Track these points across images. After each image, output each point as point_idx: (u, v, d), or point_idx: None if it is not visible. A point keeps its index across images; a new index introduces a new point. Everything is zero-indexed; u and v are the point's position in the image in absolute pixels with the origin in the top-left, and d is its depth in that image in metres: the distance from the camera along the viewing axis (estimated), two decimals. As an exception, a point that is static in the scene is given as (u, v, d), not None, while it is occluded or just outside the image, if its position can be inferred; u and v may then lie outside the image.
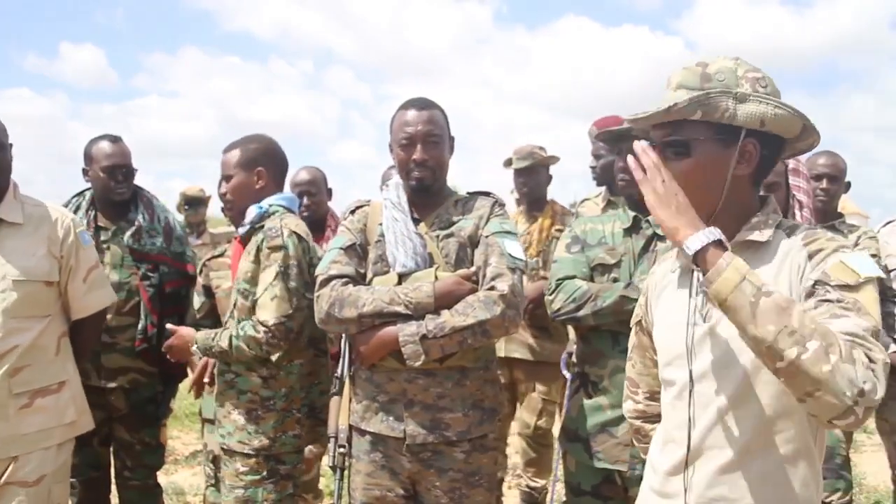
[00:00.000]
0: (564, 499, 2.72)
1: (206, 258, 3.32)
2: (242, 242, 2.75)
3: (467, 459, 2.33)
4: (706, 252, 1.35)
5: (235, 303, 2.68)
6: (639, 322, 1.77)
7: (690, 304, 1.53)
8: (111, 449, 3.37)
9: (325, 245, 3.01)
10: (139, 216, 3.34)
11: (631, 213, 2.58)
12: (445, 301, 2.25)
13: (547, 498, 3.96)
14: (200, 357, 2.87)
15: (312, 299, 2.42)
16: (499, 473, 3.99)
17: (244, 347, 2.56)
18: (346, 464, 2.42)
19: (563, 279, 2.53)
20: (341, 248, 2.41)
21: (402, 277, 2.31)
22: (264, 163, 2.76)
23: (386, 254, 2.35)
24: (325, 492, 4.04)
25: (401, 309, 2.25)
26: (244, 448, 2.63)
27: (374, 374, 2.33)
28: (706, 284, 1.34)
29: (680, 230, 1.39)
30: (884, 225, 3.66)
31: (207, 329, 3.16)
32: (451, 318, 2.22)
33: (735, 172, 1.48)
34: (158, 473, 3.50)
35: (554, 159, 4.19)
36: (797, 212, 2.64)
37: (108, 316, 3.07)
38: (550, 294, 2.54)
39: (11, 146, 2.68)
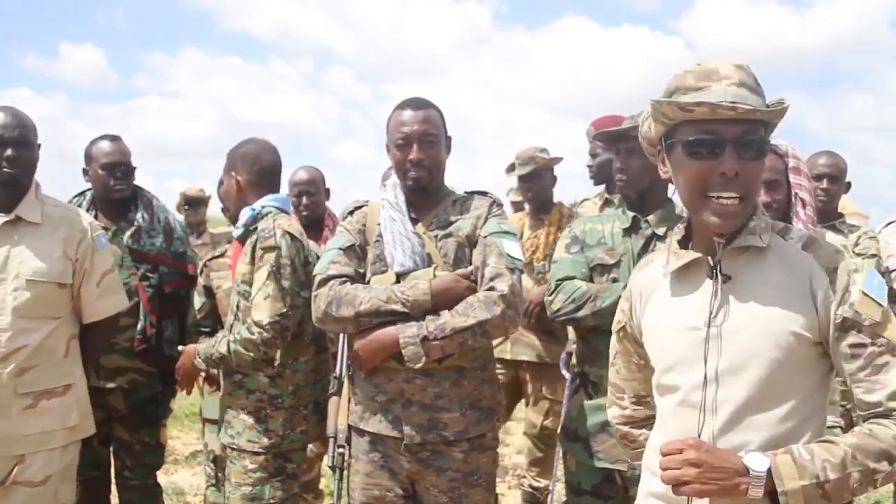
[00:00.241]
0: (565, 499, 2.72)
1: (207, 258, 3.32)
2: (241, 244, 2.78)
3: (466, 459, 2.33)
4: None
5: (238, 304, 2.71)
6: (623, 328, 1.72)
7: (696, 309, 1.50)
8: (111, 449, 3.37)
9: (324, 245, 3.02)
10: (139, 216, 3.34)
11: (630, 214, 2.58)
12: (442, 298, 2.24)
13: (548, 498, 3.96)
14: (206, 368, 2.88)
15: (308, 297, 2.43)
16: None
17: (242, 351, 2.59)
18: (346, 464, 2.43)
19: (563, 280, 2.53)
20: (340, 249, 2.41)
21: (401, 277, 2.31)
22: (238, 167, 2.83)
23: (384, 253, 2.35)
24: (326, 492, 4.04)
25: (398, 307, 2.24)
26: (254, 447, 2.66)
27: (373, 375, 2.33)
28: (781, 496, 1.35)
29: (738, 478, 1.36)
30: (885, 225, 3.66)
31: (208, 330, 3.18)
32: (452, 319, 2.21)
33: None
34: (158, 473, 3.50)
35: (556, 161, 4.15)
36: (800, 210, 2.64)
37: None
38: (550, 295, 2.54)
39: (39, 146, 2.70)
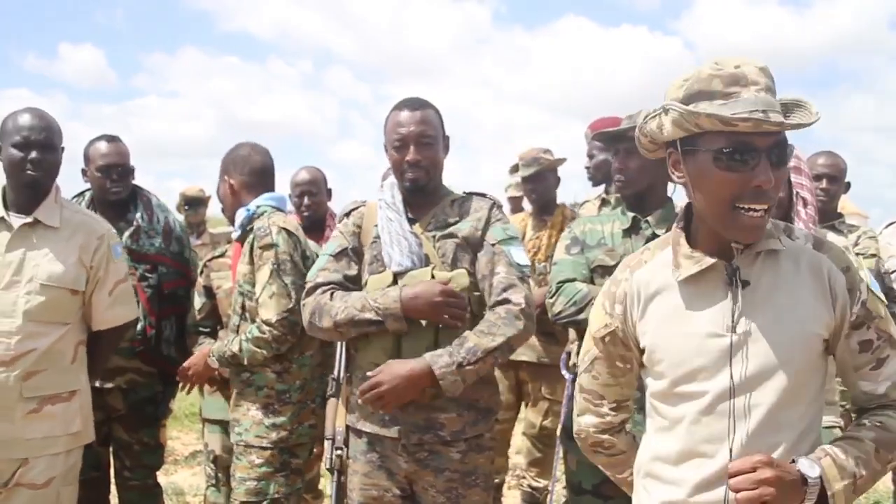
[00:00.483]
0: (564, 499, 2.72)
1: (207, 259, 3.32)
2: (241, 245, 2.82)
3: (463, 459, 2.32)
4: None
5: (243, 305, 2.76)
6: (611, 332, 1.63)
7: (714, 315, 1.48)
8: (110, 449, 3.37)
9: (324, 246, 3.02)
10: (138, 217, 3.33)
11: (630, 214, 2.58)
12: (412, 305, 2.22)
13: (548, 498, 3.96)
14: (219, 367, 2.91)
15: None
16: (499, 476, 4.00)
17: (255, 349, 2.66)
18: (343, 466, 2.43)
19: (564, 282, 2.53)
20: (330, 255, 2.42)
21: (398, 276, 2.30)
22: (230, 171, 2.91)
23: (382, 254, 2.35)
24: (325, 493, 4.04)
25: (371, 315, 2.24)
26: (262, 442, 2.71)
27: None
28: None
29: (802, 488, 1.37)
30: (886, 226, 3.66)
31: (208, 330, 3.19)
32: (480, 341, 2.22)
33: None
34: (158, 473, 3.50)
35: (560, 162, 4.15)
36: (801, 209, 2.64)
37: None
38: (551, 297, 2.54)
39: (63, 149, 2.70)
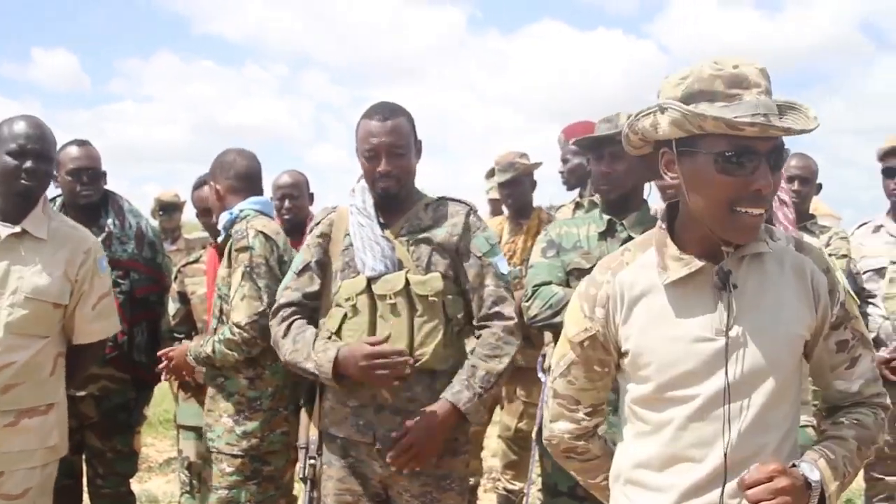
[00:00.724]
0: (539, 501, 2.72)
1: (182, 264, 3.30)
2: (219, 249, 2.81)
3: (438, 463, 2.31)
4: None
5: (221, 308, 2.74)
6: (591, 337, 1.57)
7: (703, 318, 1.46)
8: (83, 457, 3.32)
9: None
10: (109, 222, 3.29)
11: (606, 217, 2.58)
12: (344, 367, 2.23)
13: (523, 501, 3.96)
14: (195, 365, 2.90)
15: None
16: (474, 479, 4.00)
17: (226, 351, 2.64)
18: (317, 475, 2.42)
19: (540, 285, 2.53)
20: (295, 273, 2.44)
21: (372, 281, 2.29)
22: (217, 176, 2.92)
23: (354, 260, 2.33)
24: (299, 498, 4.01)
25: (311, 366, 2.28)
26: (232, 450, 2.69)
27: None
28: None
29: (808, 492, 1.39)
30: (858, 227, 3.71)
31: (182, 336, 3.17)
32: (490, 366, 2.29)
33: None
34: (132, 481, 3.46)
35: (536, 166, 4.15)
36: (778, 211, 2.67)
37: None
38: (527, 301, 2.54)
39: (57, 161, 2.69)
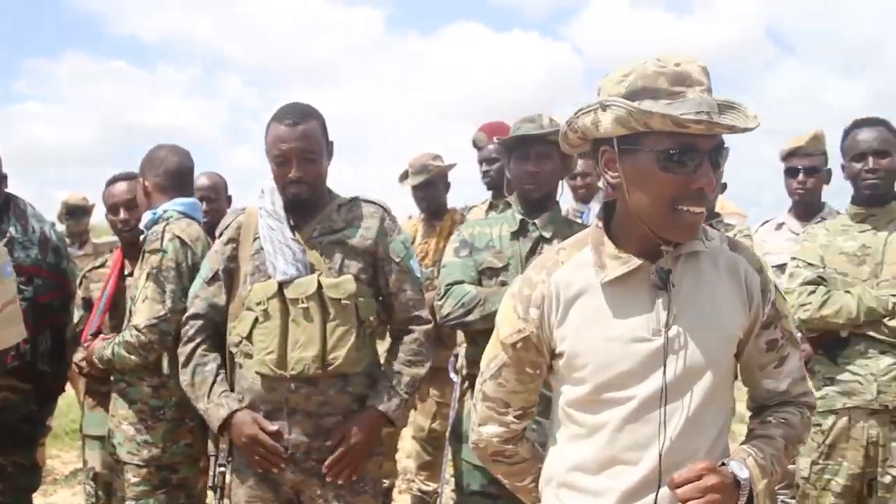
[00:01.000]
0: (453, 501, 2.75)
1: (87, 269, 3.21)
2: (140, 250, 2.74)
3: None
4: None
5: (130, 310, 2.67)
6: (525, 338, 1.52)
7: (641, 318, 1.44)
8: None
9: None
10: (11, 228, 3.17)
11: (518, 217, 2.62)
12: (230, 430, 2.29)
13: (437, 501, 4.00)
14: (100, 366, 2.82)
15: None
16: (388, 480, 4.01)
17: (124, 353, 2.57)
18: (227, 486, 2.39)
19: (452, 284, 2.55)
20: (204, 281, 2.43)
21: (284, 285, 2.27)
22: (146, 172, 2.84)
23: (265, 264, 2.31)
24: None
25: (201, 408, 2.34)
26: (133, 459, 2.63)
27: (256, 384, 2.30)
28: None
29: (736, 491, 1.38)
30: (761, 224, 3.87)
31: (87, 344, 3.07)
32: (414, 371, 2.38)
33: None
34: (36, 495, 3.34)
35: (450, 167, 4.16)
36: None
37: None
38: (440, 300, 2.56)
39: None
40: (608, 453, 1.45)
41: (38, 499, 3.43)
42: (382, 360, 2.45)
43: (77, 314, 3.16)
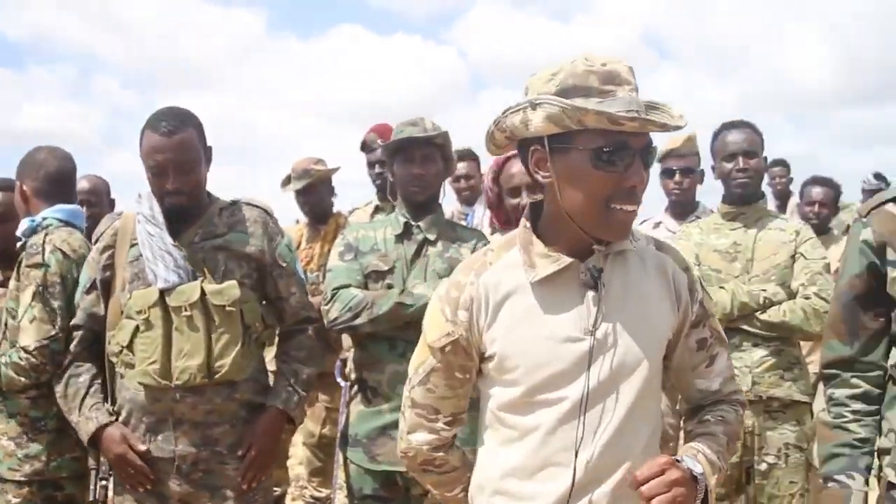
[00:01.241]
0: (346, 505, 2.74)
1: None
2: (15, 258, 2.57)
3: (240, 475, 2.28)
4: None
5: (6, 323, 2.52)
6: (454, 342, 1.48)
7: (571, 317, 1.42)
8: None
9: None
10: None
11: (402, 220, 2.63)
12: (100, 444, 2.27)
13: (330, 507, 3.96)
14: None
15: None
16: (280, 488, 3.95)
17: (13, 375, 2.42)
18: (109, 498, 2.32)
19: (339, 288, 2.54)
20: (84, 291, 2.36)
21: (165, 293, 2.20)
22: (24, 175, 2.67)
23: (144, 271, 2.24)
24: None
25: (73, 419, 2.30)
26: (15, 475, 2.48)
27: (139, 395, 2.23)
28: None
29: (694, 485, 1.39)
30: (640, 223, 4.01)
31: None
32: (308, 368, 2.42)
33: None
34: None
35: (333, 171, 4.12)
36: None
37: None
38: (326, 304, 2.54)
39: None
40: (542, 456, 1.43)
41: None
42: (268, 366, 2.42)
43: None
